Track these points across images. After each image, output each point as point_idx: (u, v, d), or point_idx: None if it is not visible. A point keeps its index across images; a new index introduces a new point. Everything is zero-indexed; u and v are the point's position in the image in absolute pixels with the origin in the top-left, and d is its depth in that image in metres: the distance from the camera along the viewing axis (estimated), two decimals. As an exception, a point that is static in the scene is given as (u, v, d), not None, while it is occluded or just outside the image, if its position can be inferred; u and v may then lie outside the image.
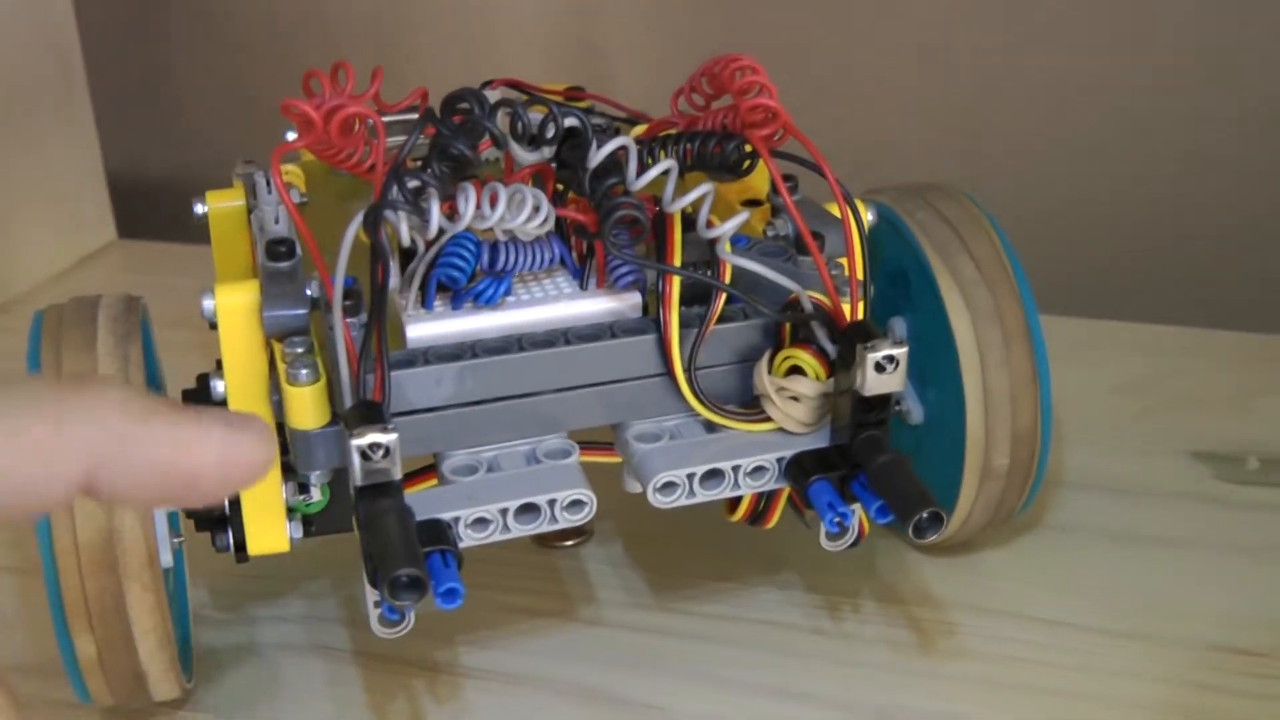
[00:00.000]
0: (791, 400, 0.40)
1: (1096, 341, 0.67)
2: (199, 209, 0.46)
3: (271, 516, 0.40)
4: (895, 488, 0.38)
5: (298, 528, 0.41)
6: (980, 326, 0.45)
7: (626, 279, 0.41)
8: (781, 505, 0.42)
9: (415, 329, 0.39)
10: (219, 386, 0.40)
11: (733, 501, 0.43)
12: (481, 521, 0.37)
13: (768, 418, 0.40)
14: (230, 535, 0.41)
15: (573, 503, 0.38)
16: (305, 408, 0.37)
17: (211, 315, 0.39)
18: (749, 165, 0.43)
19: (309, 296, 0.39)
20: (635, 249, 0.40)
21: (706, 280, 0.40)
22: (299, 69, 0.42)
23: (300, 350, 0.38)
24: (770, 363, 0.40)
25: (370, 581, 0.36)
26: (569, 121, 0.40)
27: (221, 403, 0.40)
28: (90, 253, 0.83)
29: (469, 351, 0.39)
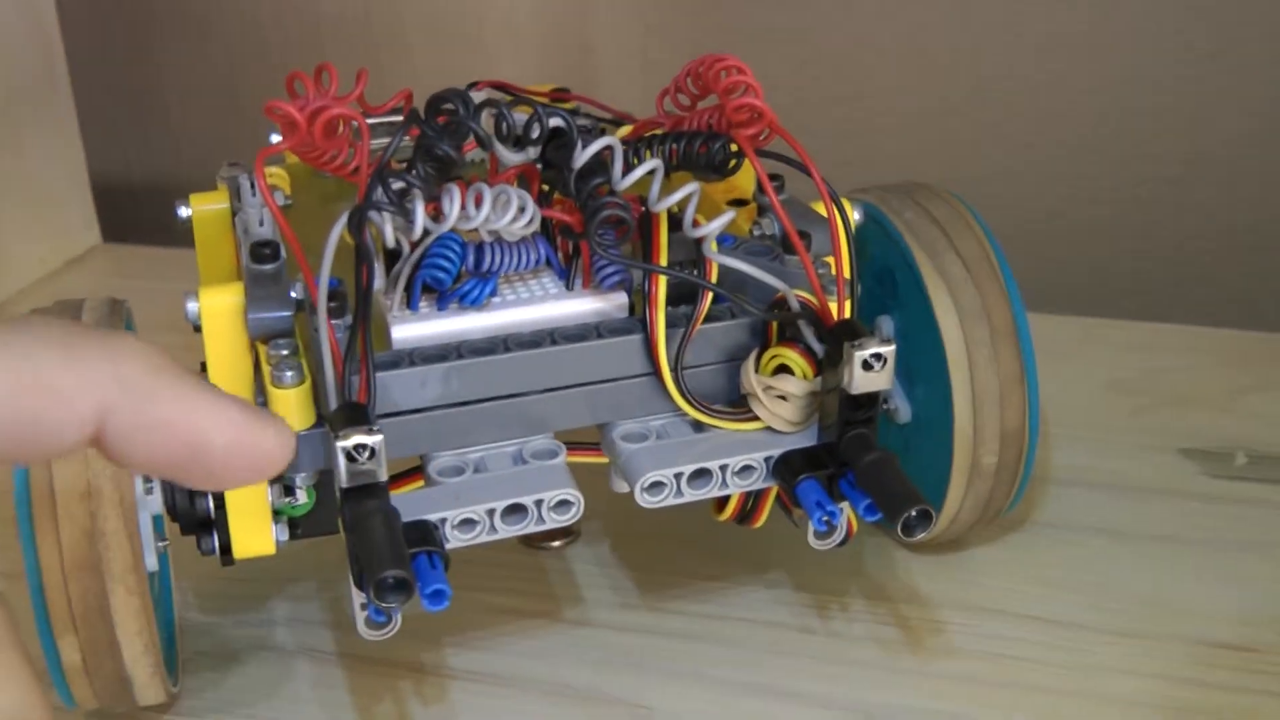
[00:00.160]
0: (779, 399, 0.40)
1: (1085, 340, 0.67)
2: (183, 212, 0.46)
3: (257, 519, 0.40)
4: (883, 486, 0.38)
5: (283, 530, 0.41)
6: (968, 325, 0.45)
7: (612, 279, 0.41)
8: (769, 504, 0.42)
9: (400, 330, 0.39)
10: None
11: (720, 501, 0.43)
12: (468, 522, 0.37)
13: (755, 417, 0.40)
14: (216, 538, 0.41)
15: (560, 503, 0.38)
16: (290, 410, 0.37)
17: (196, 318, 0.39)
18: (735, 165, 0.43)
19: (294, 299, 0.39)
20: (621, 249, 0.40)
21: (693, 279, 0.40)
22: (285, 73, 0.42)
23: (285, 352, 0.38)
24: (757, 362, 0.40)
25: (356, 583, 0.35)
26: (554, 122, 0.39)
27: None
28: (75, 257, 0.83)
29: (454, 352, 0.39)
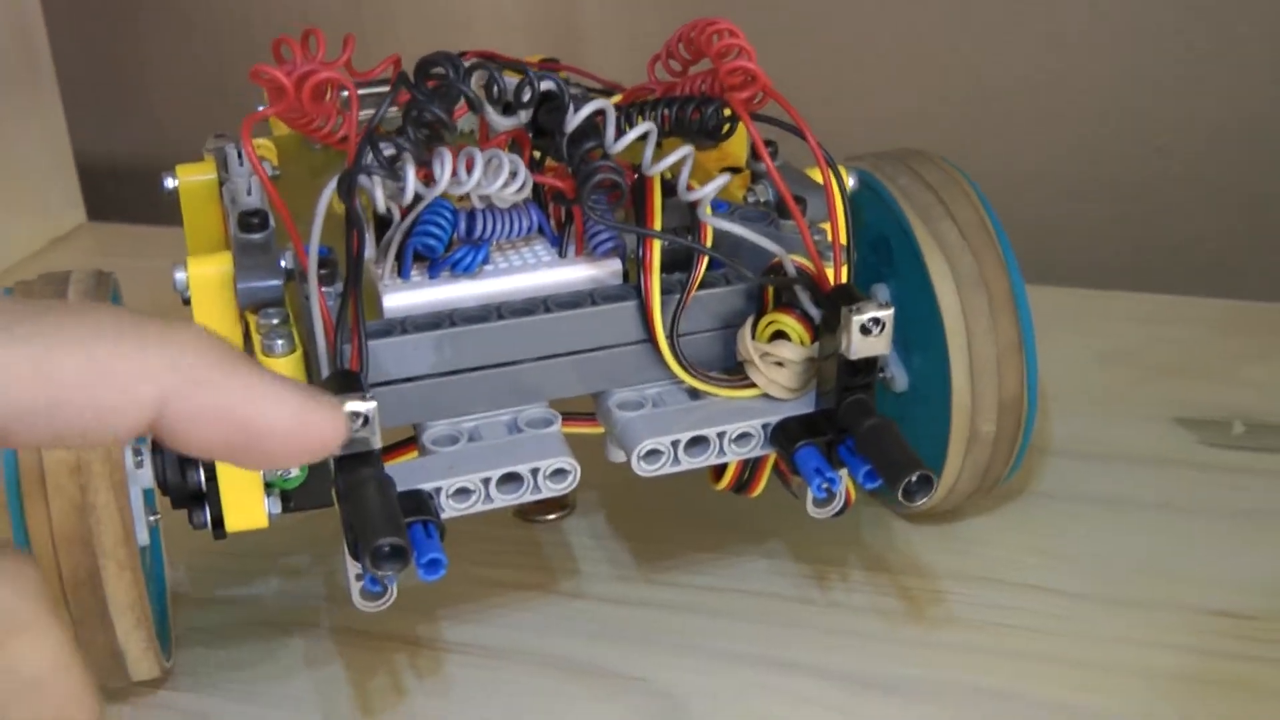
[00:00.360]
0: (776, 365, 0.39)
1: (1082, 309, 0.67)
2: (169, 183, 0.46)
3: (249, 492, 0.39)
4: (883, 451, 0.37)
5: (276, 503, 0.40)
6: (965, 292, 0.44)
7: (606, 245, 0.40)
8: (767, 473, 0.42)
9: (392, 298, 0.39)
10: None
11: (717, 470, 0.42)
12: (463, 492, 0.37)
13: (752, 383, 0.40)
14: (208, 512, 0.40)
15: (556, 471, 0.37)
16: (281, 379, 0.36)
17: (184, 288, 0.39)
18: (728, 129, 0.42)
19: (283, 268, 0.38)
20: (614, 214, 0.39)
21: (688, 244, 0.39)
22: (269, 51, 0.41)
23: (275, 321, 0.37)
24: (754, 328, 0.40)
25: (351, 553, 0.35)
26: (545, 85, 0.39)
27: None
28: (60, 235, 0.82)
29: (447, 320, 0.38)
